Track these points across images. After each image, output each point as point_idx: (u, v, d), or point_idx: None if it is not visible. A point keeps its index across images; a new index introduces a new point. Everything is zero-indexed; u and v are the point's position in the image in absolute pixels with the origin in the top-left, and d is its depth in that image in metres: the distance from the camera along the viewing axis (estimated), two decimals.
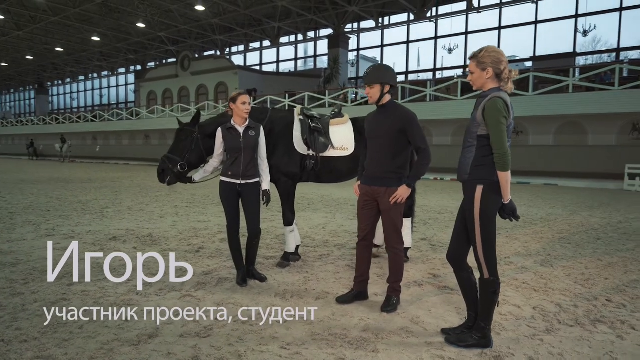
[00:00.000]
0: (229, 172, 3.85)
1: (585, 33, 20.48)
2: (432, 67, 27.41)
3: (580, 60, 22.86)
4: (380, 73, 3.38)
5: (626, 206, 9.55)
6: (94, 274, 4.13)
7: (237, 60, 34.19)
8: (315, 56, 32.76)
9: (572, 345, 2.78)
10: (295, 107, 4.55)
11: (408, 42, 27.98)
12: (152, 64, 40.06)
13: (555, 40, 27.76)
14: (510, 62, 26.60)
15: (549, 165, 17.20)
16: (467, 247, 2.85)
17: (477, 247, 2.67)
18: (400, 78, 28.48)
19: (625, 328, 3.06)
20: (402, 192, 3.27)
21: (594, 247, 5.62)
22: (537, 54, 23.89)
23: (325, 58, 31.01)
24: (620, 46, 21.84)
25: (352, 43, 29.65)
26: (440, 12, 26.16)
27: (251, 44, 34.84)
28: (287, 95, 24.70)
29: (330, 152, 4.47)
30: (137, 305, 3.38)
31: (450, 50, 24.29)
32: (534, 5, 23.71)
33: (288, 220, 4.56)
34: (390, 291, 3.43)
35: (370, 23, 28.45)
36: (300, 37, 32.09)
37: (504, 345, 2.76)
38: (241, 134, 3.84)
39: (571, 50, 22.93)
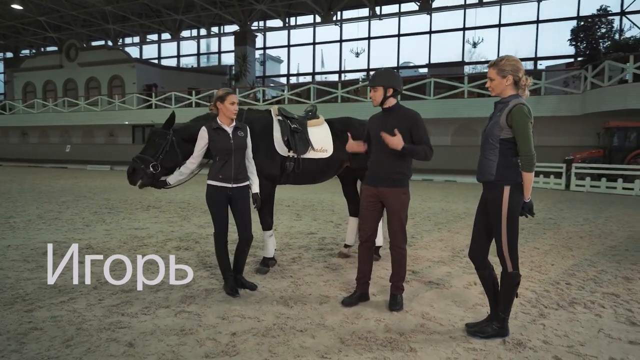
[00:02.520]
0: (220, 175, 3.58)
1: (474, 45, 22.83)
2: (337, 69, 28.33)
3: (468, 69, 25.45)
4: (384, 77, 3.44)
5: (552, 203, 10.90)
6: (49, 294, 3.59)
7: (132, 52, 31.71)
8: (219, 52, 31.80)
9: (569, 327, 3.12)
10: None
11: (314, 43, 28.55)
12: (26, 52, 35.34)
13: (447, 49, 30.61)
14: (407, 68, 28.73)
15: (448, 163, 18.88)
16: (488, 245, 3.03)
17: (503, 243, 2.85)
18: (307, 79, 28.97)
19: (597, 307, 3.52)
20: (396, 140, 3.18)
21: (524, 237, 6.32)
22: (431, 61, 26.03)
23: (230, 55, 30.28)
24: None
25: (259, 41, 29.34)
26: (345, 17, 27.14)
27: (148, 36, 32.59)
28: (193, 93, 23.59)
29: (310, 154, 4.41)
30: (129, 327, 3.00)
31: (357, 54, 25.31)
32: (428, 16, 25.78)
33: (267, 224, 4.39)
34: (395, 290, 3.50)
35: (278, 22, 28.44)
36: (203, 31, 30.83)
37: (516, 332, 3.00)
38: (230, 135, 3.61)
39: (460, 59, 25.45)
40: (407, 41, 26.64)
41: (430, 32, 25.94)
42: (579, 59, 20.90)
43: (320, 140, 4.50)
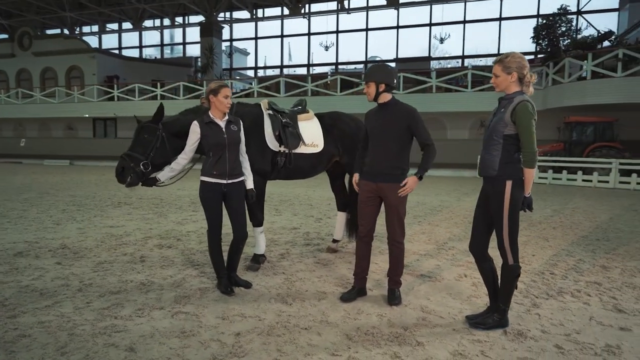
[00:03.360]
0: (214, 171, 3.47)
1: (442, 40, 23.26)
2: (306, 62, 28.17)
3: (435, 64, 25.93)
4: (375, 72, 3.42)
5: None
6: (30, 298, 3.40)
7: (91, 42, 30.32)
8: (184, 44, 30.95)
9: (562, 316, 3.23)
10: (261, 101, 4.29)
11: (282, 36, 28.25)
12: None
13: (414, 44, 31.00)
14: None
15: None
16: (488, 239, 3.08)
17: (504, 236, 2.91)
18: (276, 72, 28.68)
19: (583, 296, 3.67)
20: (412, 183, 3.36)
21: None
22: (399, 56, 26.34)
23: (195, 46, 29.53)
24: (465, 54, 25.41)
25: (226, 33, 28.73)
26: (313, 10, 26.97)
27: (108, 25, 31.27)
28: (158, 85, 22.86)
29: (301, 149, 4.35)
30: (126, 331, 2.87)
31: (326, 48, 25.24)
32: (396, 11, 26.03)
33: (258, 220, 4.31)
34: (393, 284, 3.52)
35: (245, 14, 27.93)
36: (167, 21, 29.87)
37: (514, 323, 3.08)
38: (223, 129, 3.50)
39: (427, 54, 25.89)
40: (375, 36, 26.86)
41: (397, 27, 26.20)
42: (539, 56, 21.72)
43: (311, 135, 4.44)
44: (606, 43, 17.92)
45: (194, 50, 30.52)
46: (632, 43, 16.80)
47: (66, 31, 30.38)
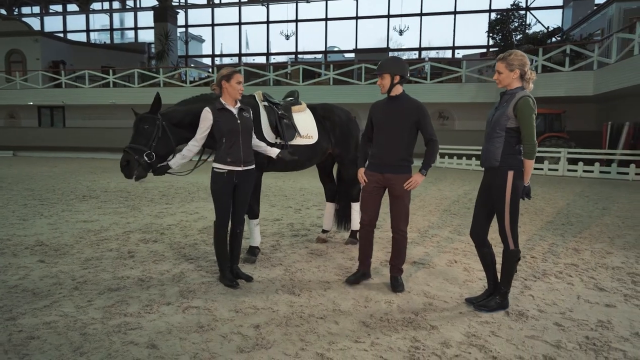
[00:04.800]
0: (228, 158, 3.43)
1: (401, 32, 23.69)
2: (264, 51, 27.82)
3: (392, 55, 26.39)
4: (391, 64, 3.50)
5: (465, 181, 11.74)
6: (24, 299, 3.26)
7: (32, 24, 28.34)
8: (135, 28, 29.60)
9: (553, 296, 3.49)
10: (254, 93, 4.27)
11: (240, 23, 27.69)
12: None
13: (372, 35, 31.32)
14: (333, 52, 29.00)
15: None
16: (488, 225, 3.26)
17: (505, 223, 3.09)
18: (234, 60, 28.13)
19: (566, 277, 3.96)
20: (418, 178, 3.47)
21: (464, 215, 6.82)
22: (358, 47, 26.57)
23: (148, 32, 28.38)
24: (422, 46, 26.06)
25: (181, 19, 27.76)
26: None
27: (51, 7, 29.31)
28: (111, 72, 21.80)
29: (297, 140, 4.36)
30: (140, 328, 2.81)
31: (287, 37, 25.01)
32: (355, 1, 26.20)
33: (254, 212, 4.29)
34: (395, 272, 3.64)
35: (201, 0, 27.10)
36: (116, 4, 28.42)
37: (512, 304, 3.29)
38: (236, 115, 3.47)
39: (385, 45, 26.29)
40: (335, 26, 26.90)
41: (356, 18, 26.40)
42: (492, 49, 22.67)
43: (306, 127, 4.46)
44: (555, 39, 18.96)
45: (147, 36, 29.34)
46: (577, 39, 17.90)
47: (3, 11, 28.18)
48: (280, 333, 2.78)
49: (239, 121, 3.45)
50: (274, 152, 3.80)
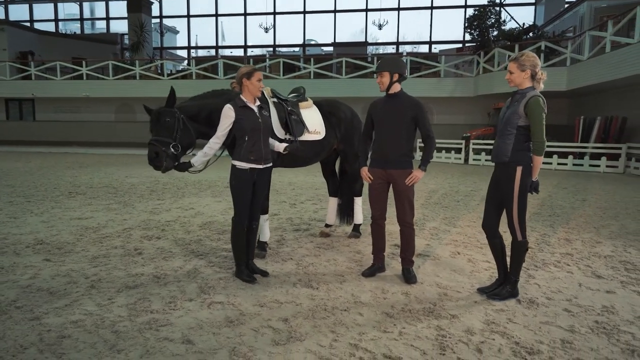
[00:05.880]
0: (251, 156, 3.47)
1: (380, 27, 23.86)
2: (242, 43, 27.51)
3: (371, 49, 26.58)
4: (391, 63, 3.61)
5: (452, 175, 12.01)
6: (42, 298, 3.23)
7: None
8: (107, 19, 28.69)
9: (557, 284, 3.69)
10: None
11: (217, 15, 27.27)
12: None
13: (351, 29, 31.37)
14: (311, 46, 28.95)
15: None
16: (499, 218, 3.42)
17: (514, 215, 3.25)
18: (211, 52, 27.70)
19: (564, 266, 4.18)
20: (419, 174, 3.62)
21: (455, 207, 7.07)
22: (337, 41, 26.62)
23: (120, 22, 27.60)
24: (399, 40, 26.35)
25: (155, 9, 27.09)
26: None
27: None
28: (84, 63, 21.12)
29: (305, 136, 4.42)
30: (171, 324, 2.83)
31: (266, 30, 24.80)
32: None
33: (265, 208, 4.33)
34: (407, 263, 3.77)
35: None
36: None
37: (521, 292, 3.46)
38: (257, 113, 3.51)
39: (363, 39, 26.44)
40: (313, 19, 26.82)
41: (334, 11, 26.41)
42: (467, 44, 23.14)
43: (313, 123, 4.52)
44: (530, 36, 19.50)
45: (119, 26, 28.53)
46: (550, 36, 18.49)
47: None
48: (310, 326, 2.85)
49: (260, 119, 3.49)
50: (281, 147, 3.84)
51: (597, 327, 2.87)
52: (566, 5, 20.59)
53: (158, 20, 27.79)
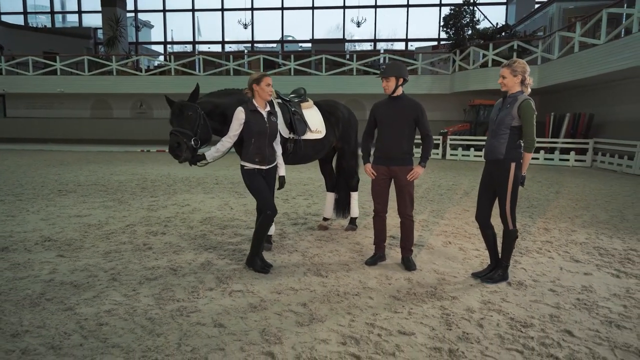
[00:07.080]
0: (256, 158, 3.72)
1: (358, 24, 24.20)
2: (219, 39, 27.37)
3: (349, 46, 26.92)
4: (397, 68, 3.91)
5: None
6: (68, 291, 3.41)
7: None
8: (80, 12, 28.01)
9: (540, 268, 4.08)
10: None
11: (193, 10, 27.03)
12: None
13: (328, 26, 31.60)
14: (289, 42, 29.03)
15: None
16: (491, 210, 3.78)
17: (506, 207, 3.61)
18: (188, 48, 27.45)
19: (545, 252, 4.59)
20: (419, 170, 3.95)
21: (440, 201, 7.48)
22: (315, 37, 26.83)
23: (92, 16, 27.01)
24: (377, 37, 26.76)
25: (130, 4, 26.62)
26: None
27: None
28: (57, 58, 20.65)
29: (307, 135, 4.68)
30: (199, 311, 3.06)
31: (245, 26, 24.76)
32: None
33: None
34: (406, 252, 4.10)
35: None
36: None
37: (511, 276, 3.84)
38: (265, 118, 3.75)
39: (341, 36, 26.74)
40: (291, 15, 26.94)
41: (312, 8, 26.60)
42: (442, 42, 23.76)
43: (315, 122, 4.78)
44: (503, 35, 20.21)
45: (92, 20, 27.91)
46: (522, 35, 19.24)
47: None
48: (327, 309, 3.14)
49: (267, 125, 3.73)
50: (281, 172, 4.10)
51: (579, 304, 3.26)
52: (536, 6, 21.40)
53: (133, 14, 27.33)
